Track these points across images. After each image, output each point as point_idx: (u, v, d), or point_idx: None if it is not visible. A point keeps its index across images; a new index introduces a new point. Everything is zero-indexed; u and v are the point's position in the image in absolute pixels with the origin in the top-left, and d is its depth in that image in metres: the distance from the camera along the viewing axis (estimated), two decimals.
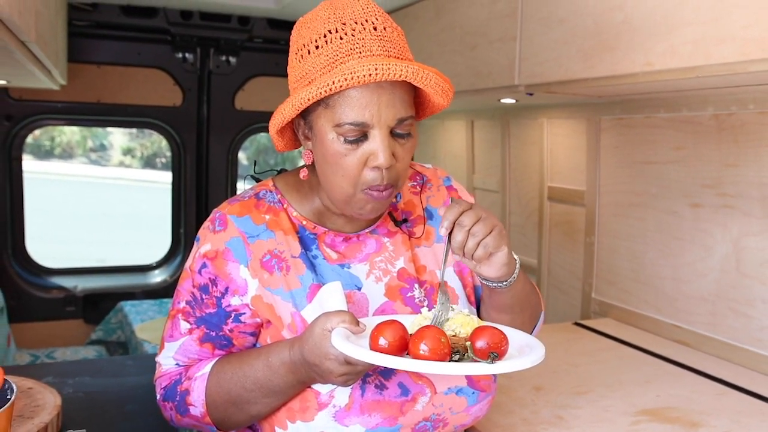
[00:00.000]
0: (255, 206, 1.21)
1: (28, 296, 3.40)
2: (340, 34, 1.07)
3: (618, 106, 2.26)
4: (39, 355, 3.20)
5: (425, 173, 1.37)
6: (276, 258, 1.17)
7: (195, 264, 1.19)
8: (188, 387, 1.18)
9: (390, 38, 1.09)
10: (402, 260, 1.24)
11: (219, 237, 1.18)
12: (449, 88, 1.12)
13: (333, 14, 1.09)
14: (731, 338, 1.87)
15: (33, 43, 1.62)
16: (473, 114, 3.19)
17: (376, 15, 1.10)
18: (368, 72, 1.01)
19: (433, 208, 1.32)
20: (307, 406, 1.12)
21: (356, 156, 1.08)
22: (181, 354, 1.21)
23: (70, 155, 16.57)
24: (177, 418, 1.21)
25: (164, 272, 3.77)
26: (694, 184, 1.99)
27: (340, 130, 1.07)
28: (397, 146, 1.10)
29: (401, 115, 1.08)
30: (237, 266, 1.16)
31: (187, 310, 1.19)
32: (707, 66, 1.39)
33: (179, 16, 3.32)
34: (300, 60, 1.11)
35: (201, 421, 1.19)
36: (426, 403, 1.15)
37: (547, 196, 2.70)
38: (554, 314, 2.68)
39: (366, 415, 1.11)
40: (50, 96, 3.21)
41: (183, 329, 1.20)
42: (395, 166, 1.10)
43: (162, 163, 15.86)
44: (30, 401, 1.33)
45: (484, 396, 1.21)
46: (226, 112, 3.63)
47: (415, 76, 1.05)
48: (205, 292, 1.17)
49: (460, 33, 2.35)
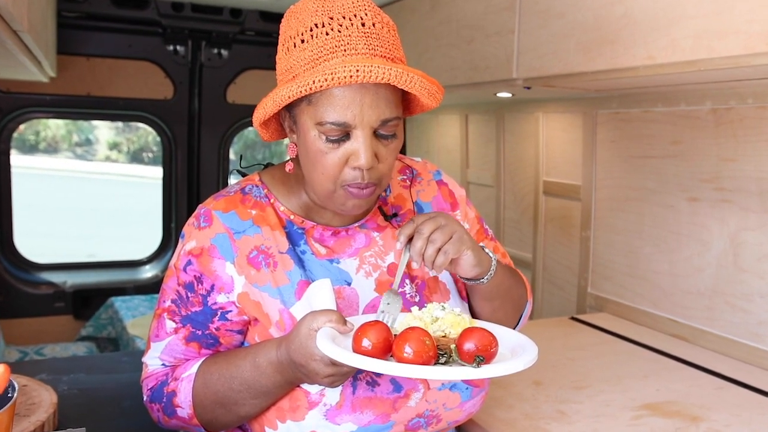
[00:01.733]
0: (241, 201, 1.19)
1: (16, 292, 3.36)
2: (326, 29, 1.04)
3: (615, 100, 2.26)
4: (28, 351, 3.15)
5: (415, 167, 1.35)
6: (263, 254, 1.16)
7: (180, 261, 1.17)
8: (175, 388, 1.16)
9: (378, 35, 1.06)
10: (392, 255, 1.23)
11: (204, 233, 1.16)
12: (437, 90, 1.09)
13: (322, 6, 1.06)
14: (729, 333, 1.87)
15: (25, 32, 1.59)
16: (468, 108, 3.18)
17: (365, 9, 1.07)
18: (349, 73, 0.99)
19: (423, 202, 1.31)
20: (297, 406, 1.10)
21: (337, 155, 1.06)
22: (167, 354, 1.19)
23: (55, 150, 16.41)
24: (164, 419, 1.19)
25: (155, 267, 3.74)
26: (691, 178, 1.99)
27: (321, 129, 1.05)
28: (380, 147, 1.08)
29: (385, 116, 1.05)
30: (223, 263, 1.14)
31: (172, 308, 1.17)
32: (709, 59, 1.39)
33: (170, 8, 3.27)
34: (286, 53, 1.09)
35: (188, 423, 1.17)
36: (419, 400, 1.14)
37: (542, 191, 2.70)
38: (550, 309, 2.68)
39: (358, 412, 1.10)
40: (39, 89, 3.16)
41: (169, 328, 1.17)
42: (377, 167, 1.08)
43: (149, 157, 15.74)
44: (25, 399, 1.31)
45: (478, 392, 1.21)
46: (217, 105, 3.59)
47: (399, 79, 1.02)
48: (190, 290, 1.15)
49: (457, 26, 2.33)
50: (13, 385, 0.83)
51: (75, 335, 3.47)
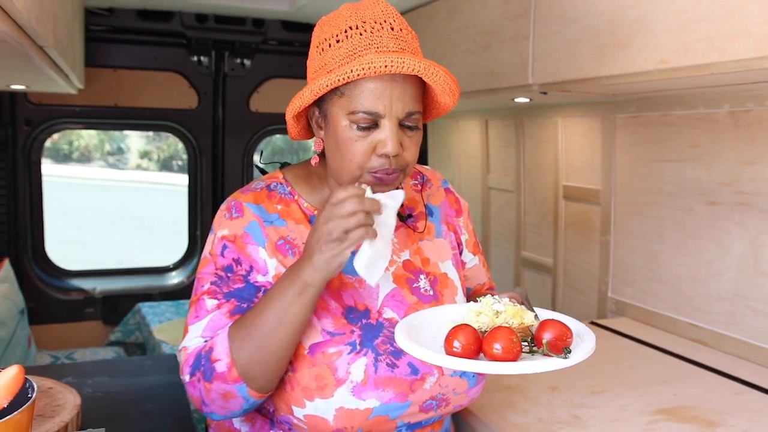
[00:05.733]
0: (267, 197, 1.27)
1: (48, 298, 3.45)
2: (360, 31, 1.16)
3: (633, 104, 2.25)
4: (59, 356, 3.23)
5: (425, 173, 1.47)
6: (289, 244, 1.24)
7: (215, 248, 1.23)
8: (211, 345, 1.15)
9: (405, 38, 1.18)
10: (407, 252, 1.32)
11: (236, 223, 1.23)
12: (456, 88, 1.19)
13: (354, 14, 1.18)
14: (750, 337, 1.85)
15: (51, 47, 1.65)
16: (487, 113, 3.19)
17: (394, 17, 1.18)
18: (384, 64, 1.09)
19: (433, 206, 1.41)
20: (325, 384, 1.16)
21: (366, 142, 1.15)
22: (210, 330, 1.18)
23: (88, 159, 16.76)
24: (206, 389, 1.15)
25: (181, 274, 3.80)
26: (710, 182, 1.97)
27: (353, 118, 1.14)
28: (404, 137, 1.17)
29: (410, 109, 1.15)
30: (256, 248, 1.22)
31: (212, 290, 1.20)
32: (721, 63, 1.38)
33: (194, 19, 3.35)
34: (320, 52, 1.19)
35: (228, 378, 1.13)
36: (433, 383, 1.22)
37: (562, 195, 2.69)
38: (570, 313, 2.62)
39: (380, 389, 1.17)
40: (68, 100, 3.25)
41: (210, 306, 1.19)
42: (402, 155, 1.17)
43: (178, 165, 15.99)
44: (50, 401, 1.35)
45: (481, 379, 1.30)
46: (241, 114, 3.65)
47: (426, 72, 1.12)
48: (230, 271, 1.21)
49: (474, 33, 2.35)
50: (33, 386, 0.86)
51: (104, 340, 3.55)
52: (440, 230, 1.39)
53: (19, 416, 0.80)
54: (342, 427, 1.17)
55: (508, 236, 3.12)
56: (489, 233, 3.28)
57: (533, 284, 2.94)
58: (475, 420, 1.52)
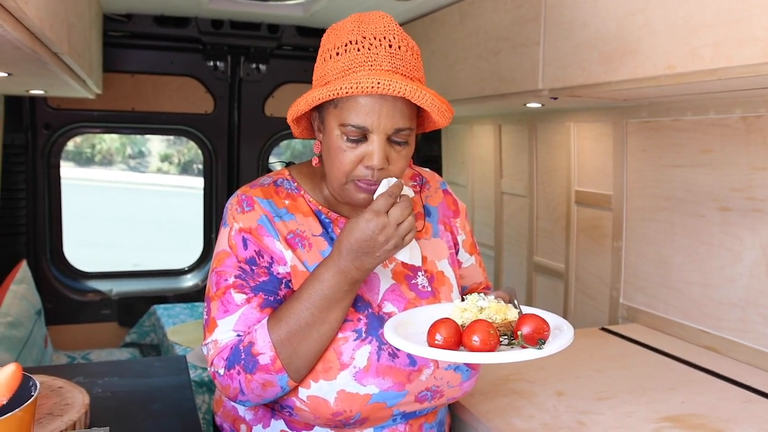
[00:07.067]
0: (275, 192, 1.34)
1: (65, 299, 3.50)
2: (358, 46, 1.20)
3: (644, 109, 2.24)
4: (75, 356, 3.28)
5: (424, 175, 1.52)
6: (299, 237, 1.30)
7: (234, 240, 1.28)
8: (251, 339, 1.21)
9: (402, 57, 1.22)
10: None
11: (249, 216, 1.29)
12: (447, 109, 1.23)
13: (357, 27, 1.23)
14: (761, 344, 1.83)
15: (66, 54, 1.68)
16: (501, 118, 3.19)
17: (394, 33, 1.22)
18: (371, 84, 1.15)
19: (431, 206, 1.47)
20: (330, 367, 1.22)
21: (354, 153, 1.21)
22: (243, 324, 1.24)
23: (110, 162, 16.98)
24: (246, 380, 1.20)
25: (196, 276, 3.84)
26: (722, 187, 1.95)
27: (344, 129, 1.21)
28: (392, 151, 1.22)
29: (399, 126, 1.20)
30: (272, 240, 1.28)
31: (238, 283, 1.25)
32: (729, 68, 1.38)
33: (210, 25, 3.39)
34: (323, 62, 1.26)
35: (272, 369, 1.19)
36: (429, 375, 1.29)
37: (574, 200, 2.68)
38: (582, 319, 2.65)
39: (380, 377, 1.24)
40: (86, 105, 3.31)
41: (239, 300, 1.24)
42: (387, 169, 1.22)
43: (198, 169, 16.11)
44: (60, 400, 1.38)
45: (474, 373, 1.36)
46: (256, 118, 3.69)
47: (413, 94, 1.16)
48: (253, 263, 1.26)
49: (485, 38, 2.35)
50: (36, 384, 0.88)
51: (120, 341, 3.60)
52: (437, 230, 1.44)
53: (20, 414, 0.82)
54: (341, 410, 1.23)
55: (521, 241, 3.11)
56: (502, 238, 3.28)
57: (545, 290, 2.93)
58: (479, 425, 1.52)
